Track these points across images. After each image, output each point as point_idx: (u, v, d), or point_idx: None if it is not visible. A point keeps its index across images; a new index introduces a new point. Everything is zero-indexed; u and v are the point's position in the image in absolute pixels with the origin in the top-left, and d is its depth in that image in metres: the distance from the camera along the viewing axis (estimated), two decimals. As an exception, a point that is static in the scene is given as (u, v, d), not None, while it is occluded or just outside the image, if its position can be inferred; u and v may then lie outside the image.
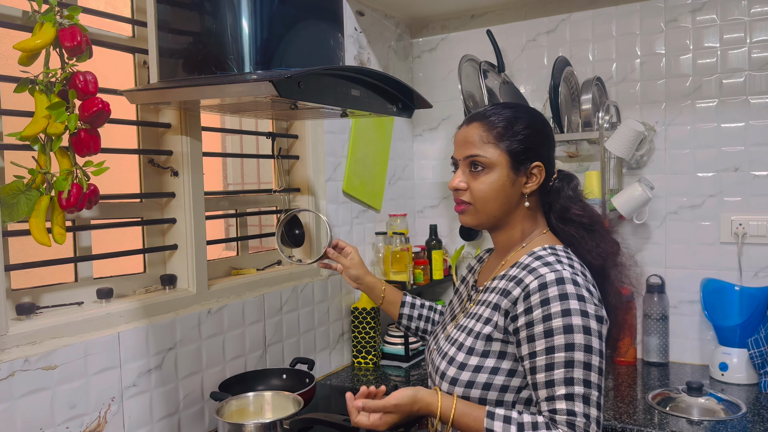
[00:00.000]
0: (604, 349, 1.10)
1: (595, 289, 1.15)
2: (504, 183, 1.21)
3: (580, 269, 1.16)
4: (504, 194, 1.22)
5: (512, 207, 1.24)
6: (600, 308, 1.12)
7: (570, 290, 1.09)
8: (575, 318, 1.07)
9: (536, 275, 1.12)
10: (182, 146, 1.70)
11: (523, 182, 1.22)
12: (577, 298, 1.08)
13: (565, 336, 1.06)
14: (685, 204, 2.22)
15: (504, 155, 1.21)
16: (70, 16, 1.30)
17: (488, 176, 1.21)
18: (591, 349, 1.07)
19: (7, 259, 1.36)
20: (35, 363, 1.31)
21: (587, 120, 2.16)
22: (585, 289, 1.11)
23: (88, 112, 1.30)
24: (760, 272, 2.11)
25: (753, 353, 1.96)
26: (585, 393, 1.06)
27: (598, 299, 1.14)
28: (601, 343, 1.09)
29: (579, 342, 1.06)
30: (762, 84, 2.09)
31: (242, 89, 1.31)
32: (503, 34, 2.48)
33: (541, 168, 1.22)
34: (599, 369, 1.08)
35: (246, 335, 1.86)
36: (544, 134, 1.25)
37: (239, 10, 1.37)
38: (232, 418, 1.57)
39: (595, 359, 1.07)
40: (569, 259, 1.18)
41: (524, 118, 1.24)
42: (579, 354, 1.06)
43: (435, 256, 2.54)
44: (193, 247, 1.71)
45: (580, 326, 1.07)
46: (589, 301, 1.09)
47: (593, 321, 1.08)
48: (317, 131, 2.19)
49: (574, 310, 1.07)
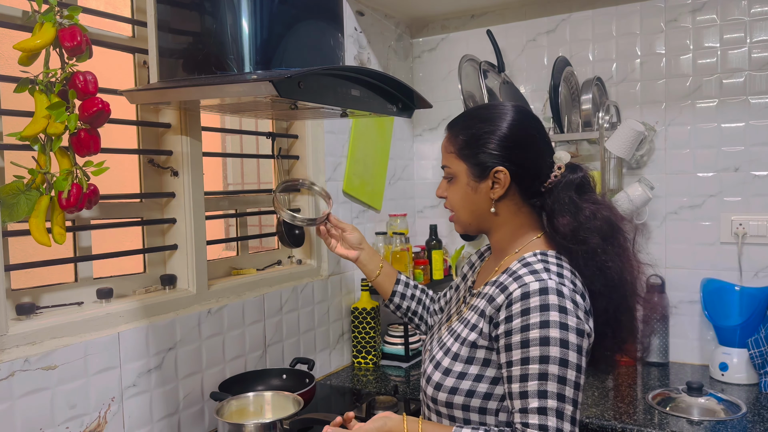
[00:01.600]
0: (584, 363, 1.07)
1: (583, 300, 1.12)
2: (467, 194, 1.21)
3: (570, 277, 1.12)
4: (470, 203, 1.22)
5: (486, 213, 1.22)
6: (584, 321, 1.08)
7: (552, 301, 1.05)
8: (553, 330, 1.04)
9: (520, 283, 1.09)
10: (182, 146, 1.70)
11: (489, 189, 1.19)
12: (559, 310, 1.05)
13: (541, 348, 1.04)
14: (685, 204, 2.22)
15: (462, 164, 1.21)
16: (70, 16, 1.30)
17: (455, 186, 1.23)
18: (567, 363, 1.03)
19: (7, 259, 1.36)
20: (35, 363, 1.31)
21: (587, 120, 2.16)
22: (570, 300, 1.07)
23: (88, 112, 1.30)
24: (760, 272, 2.11)
25: (753, 353, 1.96)
26: (558, 407, 1.03)
27: (586, 310, 1.11)
28: (580, 357, 1.05)
29: (554, 355, 1.03)
30: (762, 84, 2.09)
31: (242, 89, 1.31)
32: (503, 34, 2.48)
33: (504, 173, 1.17)
34: (575, 383, 1.04)
35: (246, 335, 1.86)
36: (501, 133, 1.18)
37: (239, 10, 1.37)
38: (232, 418, 1.57)
39: (571, 373, 1.04)
40: (559, 266, 1.13)
41: (477, 121, 1.21)
42: (554, 367, 1.03)
43: (435, 256, 2.54)
44: (193, 247, 1.71)
45: (558, 339, 1.03)
46: (571, 314, 1.05)
47: (572, 334, 1.05)
48: (317, 131, 2.19)
49: (554, 322, 1.04)
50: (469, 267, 1.44)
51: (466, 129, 1.22)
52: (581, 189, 1.19)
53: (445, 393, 1.15)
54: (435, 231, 2.61)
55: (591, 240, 1.14)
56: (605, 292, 1.16)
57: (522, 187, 1.19)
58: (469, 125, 1.22)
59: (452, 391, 1.14)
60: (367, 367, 2.28)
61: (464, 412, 1.15)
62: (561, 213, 1.16)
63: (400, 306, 1.56)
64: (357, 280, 2.38)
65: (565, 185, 1.18)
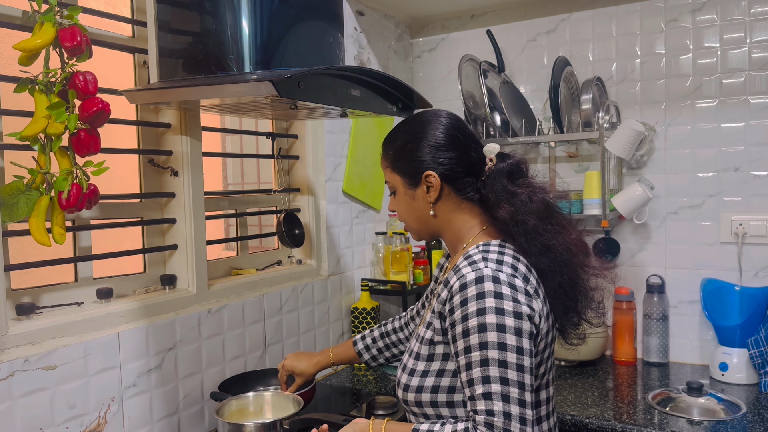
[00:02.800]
0: (530, 346, 1.08)
1: (526, 282, 1.14)
2: (408, 202, 1.29)
3: (511, 262, 1.15)
4: (412, 210, 1.29)
5: (429, 217, 1.27)
6: (524, 303, 1.10)
7: (488, 288, 1.09)
8: (489, 316, 1.07)
9: (459, 276, 1.13)
10: (182, 146, 1.70)
11: (425, 194, 1.25)
12: (494, 296, 1.08)
13: (479, 335, 1.07)
14: (685, 204, 2.22)
15: (396, 177, 1.29)
16: (70, 16, 1.30)
17: (397, 198, 1.31)
18: (506, 347, 1.06)
19: (7, 259, 1.36)
20: (35, 363, 1.31)
21: (587, 120, 2.16)
22: (507, 285, 1.09)
23: (88, 112, 1.30)
24: (760, 272, 2.11)
25: (753, 353, 1.96)
26: (503, 391, 1.04)
27: (528, 292, 1.12)
28: (521, 339, 1.07)
29: (492, 340, 1.06)
30: (762, 84, 2.09)
31: (242, 89, 1.31)
32: (503, 34, 2.48)
33: (433, 176, 1.23)
34: (518, 366, 1.06)
35: (246, 335, 1.86)
36: (424, 140, 1.24)
37: (239, 10, 1.37)
38: (232, 418, 1.57)
39: (511, 356, 1.06)
40: (500, 254, 1.16)
41: (402, 134, 1.29)
42: (493, 352, 1.06)
43: (435, 256, 2.54)
44: (193, 247, 1.71)
45: (494, 324, 1.06)
46: (507, 298, 1.08)
47: (509, 318, 1.07)
48: (317, 131, 2.19)
49: (489, 309, 1.07)
50: (439, 269, 1.48)
51: (393, 142, 1.30)
52: (513, 175, 1.23)
53: (412, 393, 1.19)
54: (435, 231, 2.61)
55: (529, 221, 1.18)
56: (555, 267, 1.19)
57: (455, 186, 1.25)
58: (395, 138, 1.30)
59: (418, 390, 1.18)
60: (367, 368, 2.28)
61: (434, 408, 1.17)
62: (497, 202, 1.21)
63: (376, 357, 1.63)
64: (357, 280, 2.38)
65: (495, 175, 1.23)
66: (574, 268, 1.21)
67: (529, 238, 1.18)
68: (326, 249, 2.22)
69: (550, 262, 1.18)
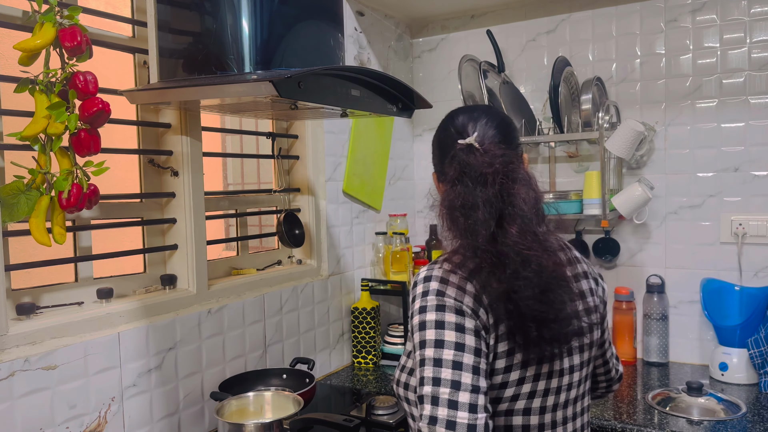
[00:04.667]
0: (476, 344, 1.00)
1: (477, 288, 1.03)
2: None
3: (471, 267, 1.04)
4: None
5: None
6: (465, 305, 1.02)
7: (433, 287, 1.04)
8: (429, 314, 1.02)
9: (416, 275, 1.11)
10: (182, 146, 1.70)
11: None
12: (437, 294, 1.03)
13: (419, 333, 1.03)
14: (685, 204, 2.22)
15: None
16: (70, 16, 1.30)
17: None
18: (443, 344, 0.99)
19: (7, 259, 1.36)
20: (35, 363, 1.31)
21: (587, 120, 2.16)
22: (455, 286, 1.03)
23: (88, 112, 1.30)
24: (760, 272, 2.11)
25: (753, 353, 1.96)
26: (433, 392, 0.97)
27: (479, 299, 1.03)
28: (463, 335, 0.99)
29: (430, 338, 1.01)
30: (762, 84, 2.09)
31: (242, 89, 1.31)
32: (503, 34, 2.48)
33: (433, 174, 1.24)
34: (454, 363, 0.98)
35: (246, 335, 1.87)
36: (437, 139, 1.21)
37: (239, 10, 1.37)
38: (232, 418, 1.57)
39: (447, 353, 0.98)
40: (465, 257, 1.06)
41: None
42: (429, 351, 1.00)
43: (435, 256, 2.54)
44: (193, 247, 1.71)
45: (433, 321, 1.01)
46: (449, 296, 1.02)
47: (450, 314, 1.01)
48: (317, 131, 2.19)
49: (430, 306, 1.03)
50: None
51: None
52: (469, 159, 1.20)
53: (400, 388, 1.18)
54: (435, 231, 2.61)
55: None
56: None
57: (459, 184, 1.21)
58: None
59: (404, 386, 1.17)
60: (367, 367, 2.28)
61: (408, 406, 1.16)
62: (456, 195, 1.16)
63: None
64: (357, 280, 2.38)
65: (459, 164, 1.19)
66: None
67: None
68: (326, 249, 2.22)
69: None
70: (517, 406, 1.07)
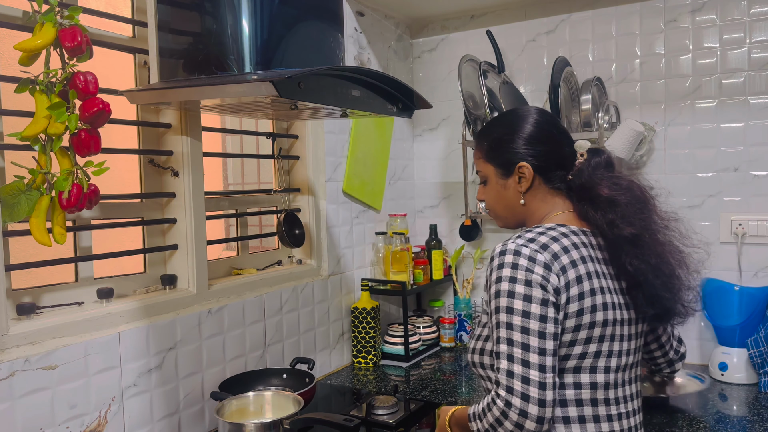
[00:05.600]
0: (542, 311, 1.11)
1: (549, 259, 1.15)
2: (499, 191, 1.34)
3: (544, 241, 1.17)
4: (503, 199, 1.34)
5: (518, 206, 1.33)
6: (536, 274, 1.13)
7: (507, 260, 1.15)
8: (503, 284, 1.14)
9: (491, 250, 1.22)
10: (182, 146, 1.71)
11: (516, 183, 1.31)
12: (511, 267, 1.14)
13: (495, 301, 1.15)
14: (684, 204, 2.22)
15: (490, 167, 1.35)
16: (71, 17, 1.30)
17: (488, 188, 1.37)
18: (512, 311, 1.12)
19: (8, 259, 1.36)
20: (36, 363, 1.31)
21: (587, 120, 2.16)
22: (526, 258, 1.14)
23: (89, 113, 1.30)
24: (760, 272, 2.11)
25: (752, 353, 1.96)
26: (507, 351, 1.11)
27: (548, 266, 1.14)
28: (529, 304, 1.11)
29: (502, 305, 1.13)
30: (761, 84, 2.10)
31: (242, 89, 1.31)
32: (503, 34, 2.48)
33: (527, 167, 1.28)
34: (523, 328, 1.11)
35: (246, 335, 1.87)
36: (519, 134, 1.30)
37: (239, 11, 1.37)
38: (233, 417, 1.57)
39: (516, 319, 1.11)
40: (539, 234, 1.19)
41: (498, 127, 1.36)
42: (502, 315, 1.13)
43: (435, 256, 2.54)
44: (194, 247, 1.71)
45: (506, 290, 1.13)
46: (521, 268, 1.14)
47: (519, 285, 1.13)
48: (317, 131, 2.19)
49: (504, 277, 1.14)
50: None
51: (490, 135, 1.36)
52: (610, 167, 1.29)
53: (469, 354, 1.29)
54: (435, 231, 2.61)
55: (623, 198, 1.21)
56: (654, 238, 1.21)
57: (547, 177, 1.30)
58: (491, 131, 1.36)
59: (473, 351, 1.27)
60: (367, 367, 2.28)
61: (483, 370, 1.25)
62: (598, 185, 1.24)
63: None
64: (357, 280, 2.38)
65: (594, 166, 1.27)
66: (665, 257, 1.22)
67: (632, 212, 1.20)
68: (326, 249, 2.22)
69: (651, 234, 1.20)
70: (584, 364, 1.17)
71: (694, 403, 1.84)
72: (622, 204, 1.21)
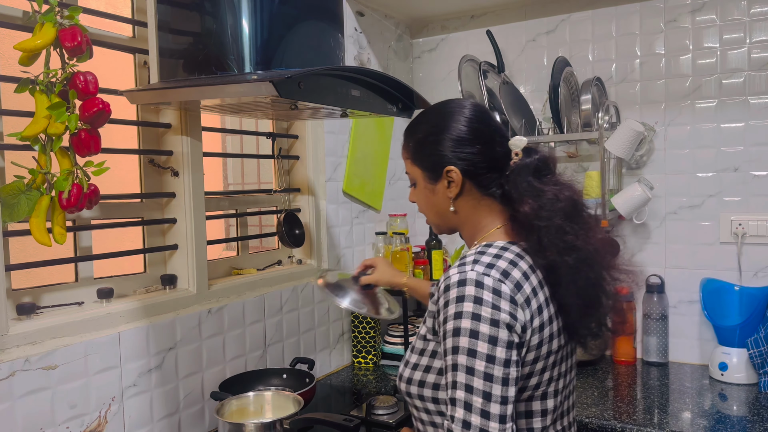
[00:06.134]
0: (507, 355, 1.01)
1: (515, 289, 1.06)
2: (428, 196, 1.24)
3: (504, 267, 1.07)
4: (432, 204, 1.24)
5: (448, 213, 1.22)
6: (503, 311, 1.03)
7: (468, 292, 1.04)
8: (465, 321, 1.02)
9: (445, 277, 1.09)
10: (182, 146, 1.71)
11: (446, 188, 1.19)
12: (473, 301, 1.03)
13: (453, 339, 1.03)
14: (684, 204, 2.22)
15: (417, 169, 1.23)
16: (71, 17, 1.30)
17: (418, 190, 1.26)
18: (475, 354, 1.01)
19: (8, 259, 1.36)
20: (36, 363, 1.31)
21: (587, 120, 2.16)
22: (490, 290, 1.04)
23: (89, 113, 1.30)
24: (760, 272, 2.11)
25: (752, 353, 1.96)
26: (466, 398, 1.00)
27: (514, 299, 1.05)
28: (494, 348, 1.01)
29: (463, 345, 1.02)
30: (762, 84, 2.10)
31: (242, 89, 1.31)
32: (503, 34, 2.48)
33: (455, 171, 1.17)
34: (485, 374, 1.00)
35: (246, 335, 1.87)
36: (447, 134, 1.17)
37: (239, 11, 1.37)
38: (233, 417, 1.57)
39: (479, 364, 1.00)
40: (496, 257, 1.09)
41: (423, 125, 1.22)
42: (462, 357, 1.01)
43: (435, 256, 2.54)
44: (194, 247, 1.71)
45: (468, 329, 1.02)
46: (486, 304, 1.03)
47: (484, 325, 1.02)
48: (317, 131, 2.19)
49: (466, 313, 1.03)
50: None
51: (415, 134, 1.23)
52: (539, 172, 1.16)
53: (404, 384, 1.17)
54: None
55: (554, 220, 1.11)
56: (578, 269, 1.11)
57: (478, 182, 1.18)
58: (417, 130, 1.23)
59: (408, 382, 1.16)
60: (367, 367, 2.28)
61: (422, 402, 1.15)
62: (521, 198, 1.13)
63: None
64: (357, 280, 2.38)
65: (520, 170, 1.15)
66: (598, 270, 1.14)
67: (552, 238, 1.10)
68: (326, 249, 2.22)
69: (574, 262, 1.11)
70: (537, 393, 1.11)
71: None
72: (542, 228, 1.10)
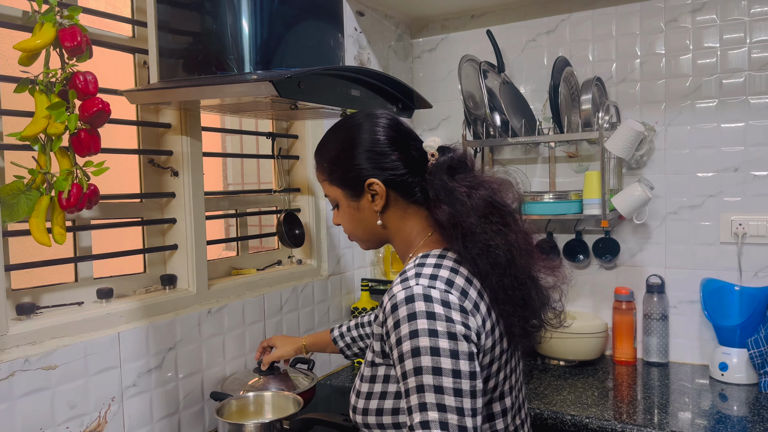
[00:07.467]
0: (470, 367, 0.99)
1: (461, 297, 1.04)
2: (353, 215, 1.20)
3: (447, 276, 1.05)
4: (359, 222, 1.21)
5: (377, 228, 1.20)
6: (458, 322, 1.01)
7: (419, 308, 1.00)
8: (422, 339, 0.99)
9: (390, 295, 1.04)
10: (182, 146, 1.70)
11: (370, 203, 1.17)
12: (426, 317, 0.99)
13: (413, 360, 0.99)
14: (684, 204, 2.22)
15: (337, 190, 1.20)
16: (70, 16, 1.30)
17: (341, 211, 1.22)
18: (441, 371, 0.97)
19: (7, 259, 1.36)
20: (35, 363, 1.31)
21: (587, 120, 2.16)
22: (439, 303, 1.01)
23: (88, 113, 1.30)
24: (760, 272, 2.11)
25: (753, 353, 1.96)
26: (440, 418, 0.96)
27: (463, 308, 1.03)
28: (457, 361, 0.98)
29: (426, 365, 0.98)
30: (762, 84, 2.09)
31: (242, 89, 1.31)
32: (503, 34, 2.48)
33: (377, 183, 1.14)
34: (455, 390, 0.97)
35: (246, 335, 1.87)
36: (359, 147, 1.15)
37: (239, 10, 1.37)
38: (232, 418, 1.57)
39: (447, 381, 0.97)
40: (436, 267, 1.07)
41: (333, 142, 1.20)
42: (428, 377, 0.97)
43: (435, 256, 2.54)
44: (193, 247, 1.71)
45: (428, 348, 0.98)
46: (440, 318, 0.99)
47: (443, 340, 0.98)
48: (317, 131, 2.19)
49: (422, 331, 0.99)
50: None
51: (326, 153, 1.21)
52: (453, 170, 1.13)
53: (359, 415, 1.13)
54: (435, 231, 2.61)
55: (467, 221, 1.07)
56: (495, 269, 1.08)
57: (401, 190, 1.16)
58: (328, 149, 1.21)
59: (364, 413, 1.11)
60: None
61: (380, 430, 1.11)
62: (436, 201, 1.11)
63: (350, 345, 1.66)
64: (357, 280, 2.38)
65: (435, 171, 1.13)
66: (518, 268, 1.10)
67: (467, 241, 1.07)
68: (326, 249, 2.22)
69: (490, 264, 1.07)
70: (495, 394, 1.11)
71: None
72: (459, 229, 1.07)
